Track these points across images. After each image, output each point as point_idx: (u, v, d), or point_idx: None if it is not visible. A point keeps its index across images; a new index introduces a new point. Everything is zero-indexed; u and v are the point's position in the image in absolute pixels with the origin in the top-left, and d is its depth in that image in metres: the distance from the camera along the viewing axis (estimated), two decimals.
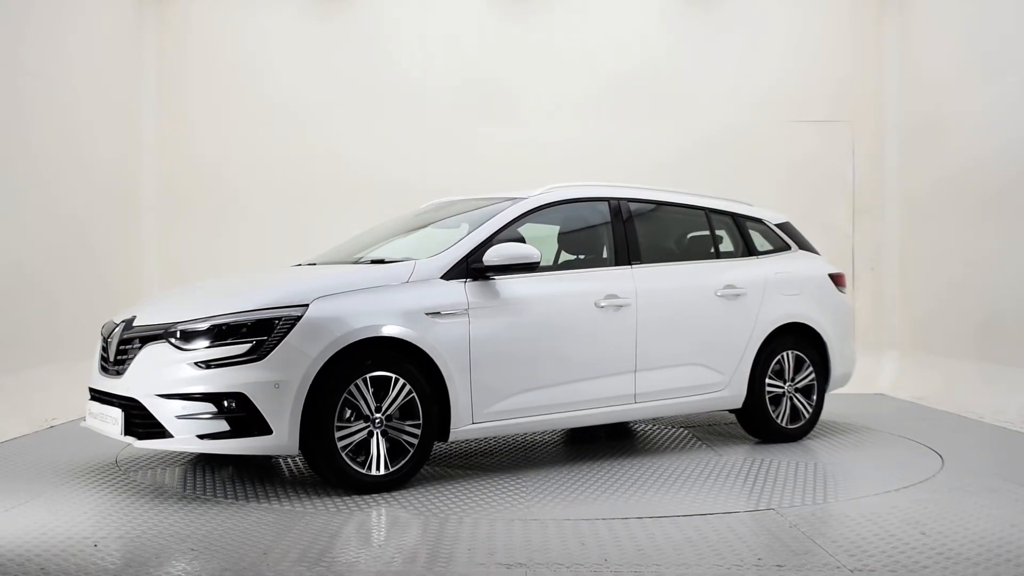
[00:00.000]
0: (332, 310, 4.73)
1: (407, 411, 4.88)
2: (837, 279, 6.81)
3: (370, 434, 4.78)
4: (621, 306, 5.65)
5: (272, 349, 4.59)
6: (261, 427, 4.56)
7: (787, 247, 6.73)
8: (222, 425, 4.57)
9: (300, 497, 4.79)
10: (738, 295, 6.16)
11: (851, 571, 3.63)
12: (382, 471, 4.81)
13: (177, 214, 9.81)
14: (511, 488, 5.02)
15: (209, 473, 5.33)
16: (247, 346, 4.59)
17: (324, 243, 7.11)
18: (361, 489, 4.78)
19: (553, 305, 5.44)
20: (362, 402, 4.76)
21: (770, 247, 6.66)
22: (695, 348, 5.97)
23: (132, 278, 9.48)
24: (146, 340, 4.82)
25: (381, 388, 4.81)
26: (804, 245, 6.90)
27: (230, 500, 4.74)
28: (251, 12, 9.92)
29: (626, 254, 5.84)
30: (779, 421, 6.28)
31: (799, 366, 6.39)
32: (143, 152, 9.79)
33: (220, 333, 4.64)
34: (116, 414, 4.81)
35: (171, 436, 4.62)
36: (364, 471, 4.77)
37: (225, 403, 4.55)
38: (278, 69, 9.86)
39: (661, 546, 3.96)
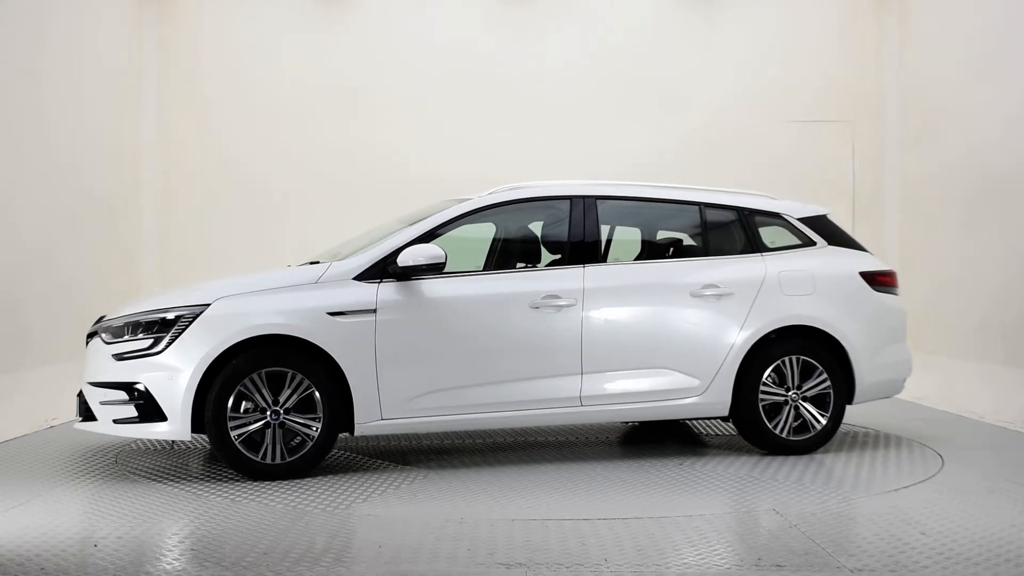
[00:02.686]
0: (229, 309, 5.11)
1: (309, 405, 5.12)
2: (874, 278, 6.13)
3: (267, 425, 5.07)
4: (563, 307, 5.50)
5: (171, 344, 5.03)
6: (159, 415, 5.00)
7: (811, 243, 6.18)
8: (131, 411, 5.06)
9: (300, 497, 4.79)
10: (722, 295, 5.77)
11: (851, 571, 3.63)
12: (277, 460, 5.09)
13: (178, 214, 9.80)
14: (511, 487, 5.02)
15: (210, 473, 5.33)
16: (150, 341, 5.06)
17: (326, 241, 7.11)
18: (255, 476, 5.08)
19: (479, 306, 5.42)
20: (257, 395, 5.06)
21: (794, 242, 6.17)
22: (661, 351, 5.66)
23: (132, 278, 9.48)
24: (94, 335, 5.40)
25: (282, 383, 5.12)
26: (839, 240, 6.29)
27: (230, 500, 4.74)
28: (252, 11, 9.92)
29: (580, 253, 5.70)
30: (779, 432, 5.79)
31: (808, 373, 5.86)
32: (144, 152, 9.79)
33: (132, 329, 5.16)
34: (76, 399, 5.43)
35: (96, 420, 5.18)
36: (259, 459, 5.07)
37: (135, 392, 5.03)
38: (279, 67, 9.86)
39: (661, 546, 3.96)
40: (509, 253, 6.18)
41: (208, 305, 5.09)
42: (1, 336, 7.12)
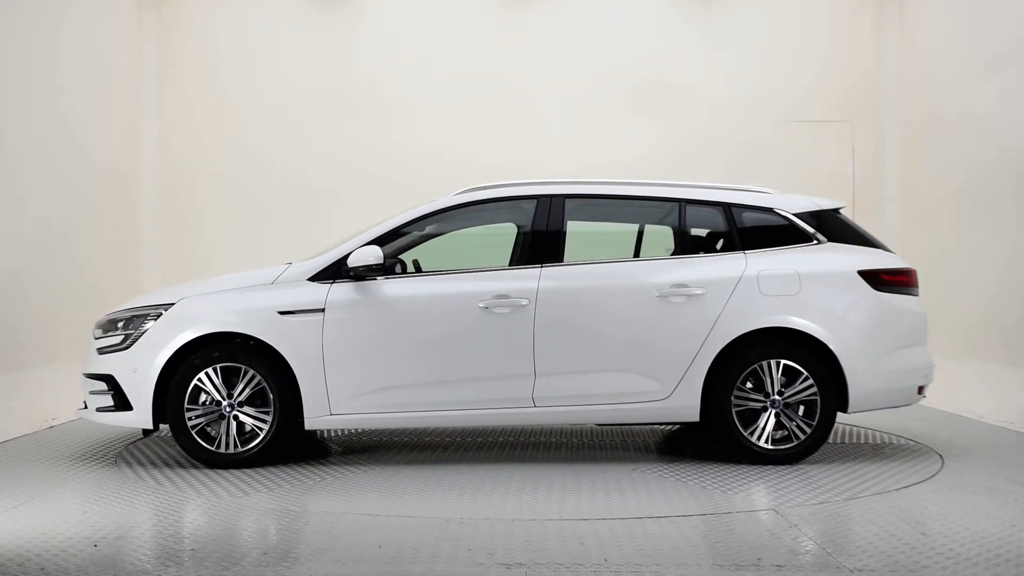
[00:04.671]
0: (190, 308, 5.47)
1: (262, 399, 5.43)
2: (879, 277, 5.66)
3: (221, 416, 5.41)
4: (514, 307, 5.45)
5: (137, 340, 5.43)
6: (127, 405, 5.42)
7: (809, 240, 5.76)
8: (109, 401, 5.48)
9: (300, 497, 4.79)
10: (691, 296, 5.51)
11: (851, 571, 3.63)
12: (231, 450, 5.41)
13: (176, 214, 9.81)
14: (510, 487, 5.03)
15: (210, 474, 5.33)
16: (121, 337, 5.47)
17: (323, 242, 7.11)
18: (211, 464, 5.41)
19: (426, 305, 5.47)
20: (212, 389, 5.39)
21: (795, 239, 5.75)
22: (618, 353, 5.48)
23: (131, 278, 9.48)
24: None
25: (236, 377, 5.43)
26: (848, 237, 5.84)
27: (230, 500, 4.75)
28: (251, 12, 9.92)
29: (539, 253, 5.59)
30: (756, 440, 5.51)
31: (794, 378, 5.52)
32: (143, 152, 9.79)
33: (109, 326, 5.57)
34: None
35: (86, 408, 5.63)
36: (213, 448, 5.41)
37: (111, 384, 5.44)
38: (278, 68, 9.86)
39: (661, 546, 3.96)
40: (482, 252, 6.20)
41: (173, 304, 5.46)
42: (1, 336, 7.13)
